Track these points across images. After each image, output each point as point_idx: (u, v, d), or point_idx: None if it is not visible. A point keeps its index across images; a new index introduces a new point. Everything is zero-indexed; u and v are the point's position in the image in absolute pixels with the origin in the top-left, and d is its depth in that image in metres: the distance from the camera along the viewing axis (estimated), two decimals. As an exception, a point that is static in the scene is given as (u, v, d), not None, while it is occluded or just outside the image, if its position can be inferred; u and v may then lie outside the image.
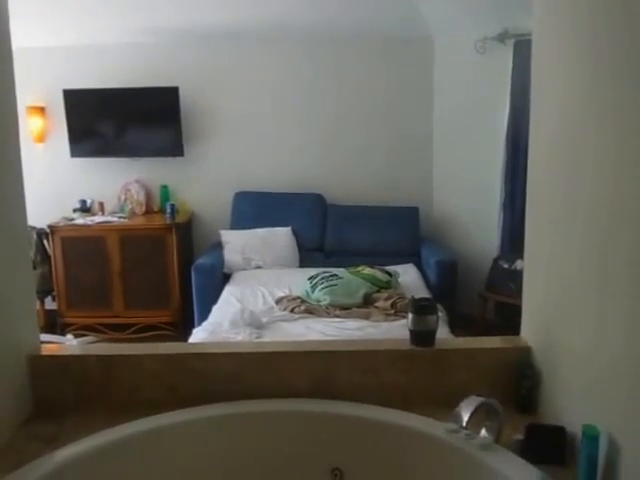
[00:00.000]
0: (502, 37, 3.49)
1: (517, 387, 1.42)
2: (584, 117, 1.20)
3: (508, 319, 2.84)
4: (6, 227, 1.40)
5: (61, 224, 3.81)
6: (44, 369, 1.47)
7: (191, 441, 1.38)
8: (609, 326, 1.09)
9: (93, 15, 3.48)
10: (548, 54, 1.40)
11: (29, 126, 3.94)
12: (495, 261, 3.61)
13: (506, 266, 3.49)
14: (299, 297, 3.16)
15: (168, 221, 3.86)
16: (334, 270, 3.34)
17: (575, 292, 1.24)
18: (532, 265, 1.53)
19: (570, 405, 1.25)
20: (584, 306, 1.20)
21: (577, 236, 1.23)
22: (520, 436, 1.25)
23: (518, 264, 3.33)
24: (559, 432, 1.22)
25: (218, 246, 3.92)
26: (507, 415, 1.26)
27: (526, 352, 1.47)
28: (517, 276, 2.98)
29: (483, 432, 1.26)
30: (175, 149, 3.97)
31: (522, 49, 3.34)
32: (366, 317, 2.91)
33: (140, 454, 1.34)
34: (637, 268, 0.98)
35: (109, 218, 3.92)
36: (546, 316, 1.42)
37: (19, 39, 1.99)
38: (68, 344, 3.55)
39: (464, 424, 1.20)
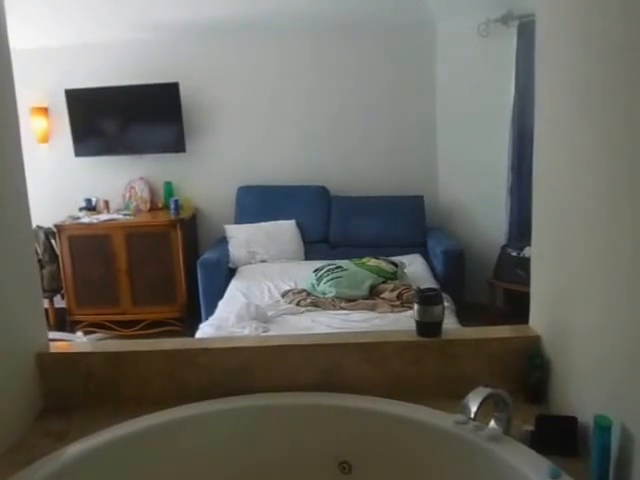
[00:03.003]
0: (506, 19, 3.43)
1: (526, 377, 1.40)
2: (590, 100, 1.16)
3: (517, 307, 2.81)
4: (10, 227, 1.41)
5: (67, 223, 3.84)
6: (53, 367, 1.49)
7: (199, 435, 1.39)
8: (620, 314, 1.06)
9: (91, 13, 3.46)
10: (552, 35, 1.36)
11: (33, 127, 3.96)
12: (503, 248, 3.58)
13: (514, 253, 3.45)
14: (305, 290, 3.15)
15: (173, 217, 3.87)
16: (339, 262, 3.32)
17: (584, 279, 1.21)
18: (540, 253, 1.50)
19: (581, 395, 1.23)
20: (593, 294, 1.17)
21: (585, 223, 1.20)
22: (530, 427, 1.23)
23: (526, 251, 3.29)
24: (570, 422, 1.20)
25: (223, 241, 3.91)
26: (516, 406, 1.25)
27: (535, 341, 1.45)
28: (526, 263, 2.92)
29: (492, 423, 1.24)
30: (177, 145, 3.96)
31: (526, 31, 3.27)
32: (372, 309, 2.89)
33: (149, 449, 1.34)
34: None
35: (114, 216, 3.93)
36: (555, 304, 1.39)
37: (20, 41, 1.99)
38: (78, 341, 3.59)
39: (472, 415, 1.19)
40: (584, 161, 1.20)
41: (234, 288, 3.32)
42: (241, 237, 3.84)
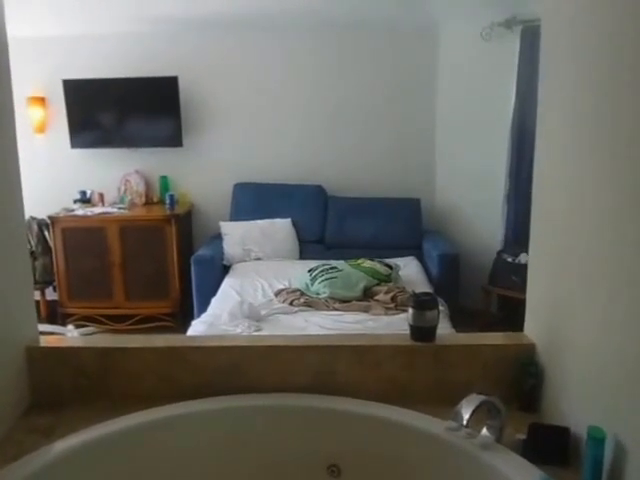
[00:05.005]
0: (509, 23, 3.42)
1: (520, 385, 1.39)
2: (596, 108, 1.15)
3: (511, 313, 2.81)
4: (3, 219, 1.39)
5: (61, 215, 3.82)
6: (42, 361, 1.47)
7: (188, 435, 1.37)
8: (617, 324, 1.05)
9: (92, 4, 3.43)
10: (558, 41, 1.35)
11: (30, 117, 3.93)
12: (499, 254, 3.58)
13: (510, 259, 3.45)
14: (298, 289, 3.14)
15: (168, 212, 3.85)
16: (334, 263, 3.31)
17: (582, 288, 1.20)
18: (537, 260, 1.50)
19: (575, 405, 1.22)
20: (591, 302, 1.16)
21: (584, 230, 1.19)
22: (523, 436, 1.22)
23: (522, 257, 3.29)
24: (563, 432, 1.19)
25: (218, 237, 3.90)
26: (509, 414, 1.24)
27: (530, 349, 1.44)
28: (521, 270, 2.94)
29: (484, 431, 1.23)
30: (174, 139, 3.94)
31: (530, 36, 3.28)
32: (366, 310, 2.89)
33: (137, 447, 1.33)
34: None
35: (109, 209, 3.91)
36: (551, 312, 1.38)
37: (18, 29, 1.97)
38: (69, 335, 3.55)
39: (465, 422, 1.18)
40: (587, 170, 1.19)
41: (227, 285, 3.31)
42: (236, 234, 3.83)
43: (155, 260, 3.79)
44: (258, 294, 3.15)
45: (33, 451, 1.22)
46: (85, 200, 4.01)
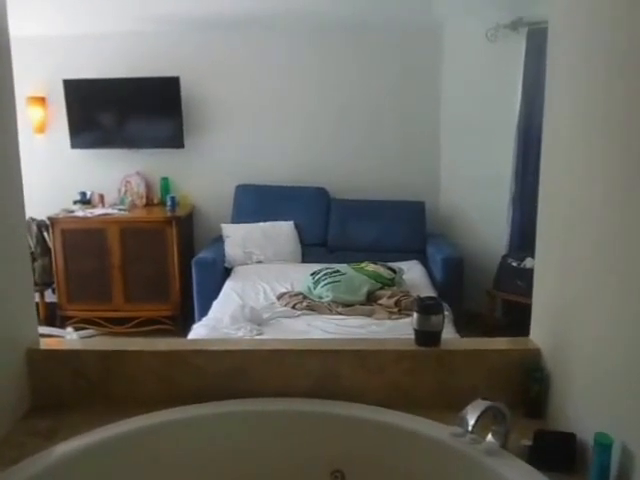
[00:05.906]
0: (515, 25, 3.41)
1: (526, 391, 1.38)
2: (605, 109, 1.14)
3: (516, 318, 2.80)
4: (4, 220, 1.38)
5: (61, 216, 3.80)
6: (43, 363, 1.46)
7: (189, 439, 1.36)
8: (624, 329, 1.04)
9: (93, 3, 3.43)
10: (565, 43, 1.34)
11: (29, 117, 3.91)
12: (503, 258, 3.55)
13: (515, 264, 3.43)
14: (301, 293, 3.12)
15: (168, 214, 3.84)
16: (337, 266, 3.29)
17: (589, 293, 1.19)
18: (543, 264, 1.49)
19: (581, 411, 1.21)
20: (598, 308, 1.15)
21: (592, 234, 1.18)
22: (528, 442, 1.21)
23: (527, 262, 3.28)
24: (569, 439, 1.18)
25: (219, 240, 3.88)
26: (515, 420, 1.22)
27: (536, 354, 1.43)
28: (526, 274, 2.93)
29: (489, 437, 1.22)
30: (176, 140, 3.93)
31: (536, 38, 3.27)
32: (369, 315, 2.87)
33: (138, 451, 1.32)
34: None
35: (109, 210, 3.89)
36: (557, 317, 1.37)
37: (18, 28, 1.96)
38: (68, 338, 3.54)
39: (470, 428, 1.16)
40: (596, 173, 1.18)
41: (229, 288, 3.29)
42: (238, 237, 3.81)
43: (155, 262, 3.77)
44: (260, 297, 3.13)
45: (34, 454, 1.22)
46: (85, 201, 3.99)
